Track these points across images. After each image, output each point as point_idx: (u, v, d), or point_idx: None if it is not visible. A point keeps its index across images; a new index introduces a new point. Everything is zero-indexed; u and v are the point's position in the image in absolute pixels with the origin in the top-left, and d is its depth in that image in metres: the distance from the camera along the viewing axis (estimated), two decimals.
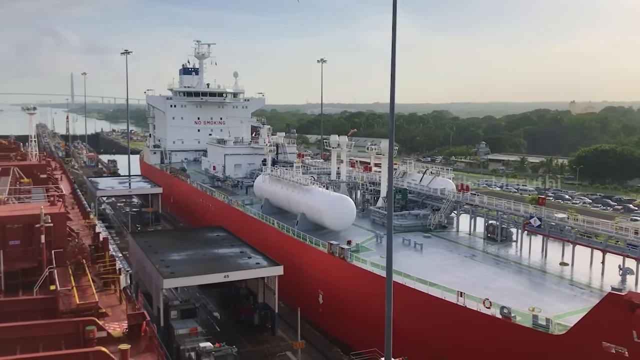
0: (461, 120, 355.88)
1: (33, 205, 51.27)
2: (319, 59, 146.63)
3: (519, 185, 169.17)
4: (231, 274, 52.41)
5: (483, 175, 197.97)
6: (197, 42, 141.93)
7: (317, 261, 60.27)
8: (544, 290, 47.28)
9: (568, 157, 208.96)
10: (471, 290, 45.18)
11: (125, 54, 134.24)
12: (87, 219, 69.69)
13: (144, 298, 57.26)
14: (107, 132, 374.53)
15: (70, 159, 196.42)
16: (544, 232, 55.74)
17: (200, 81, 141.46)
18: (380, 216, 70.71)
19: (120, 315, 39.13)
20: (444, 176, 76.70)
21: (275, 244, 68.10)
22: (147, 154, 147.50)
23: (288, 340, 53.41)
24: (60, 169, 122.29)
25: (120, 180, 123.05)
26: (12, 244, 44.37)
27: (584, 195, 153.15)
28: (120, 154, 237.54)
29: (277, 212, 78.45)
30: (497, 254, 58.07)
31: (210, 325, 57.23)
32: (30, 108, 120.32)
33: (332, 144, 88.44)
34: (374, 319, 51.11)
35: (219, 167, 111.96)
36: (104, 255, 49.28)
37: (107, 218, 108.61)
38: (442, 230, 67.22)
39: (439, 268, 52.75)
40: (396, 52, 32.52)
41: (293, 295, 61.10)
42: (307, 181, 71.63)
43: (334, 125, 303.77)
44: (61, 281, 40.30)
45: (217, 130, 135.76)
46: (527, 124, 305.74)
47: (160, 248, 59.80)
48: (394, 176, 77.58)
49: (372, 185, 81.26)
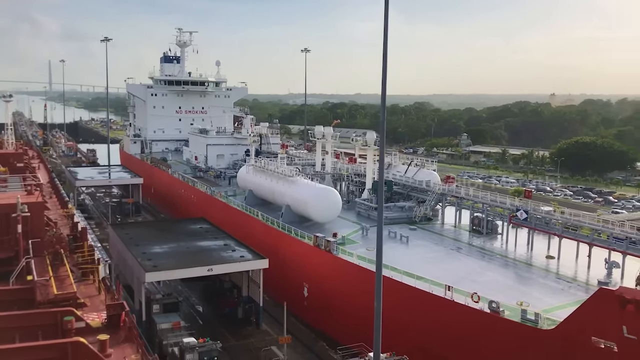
0: (442, 112, 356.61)
1: (9, 195, 50.32)
2: (303, 49, 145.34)
3: (501, 177, 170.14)
4: (215, 268, 51.37)
5: (465, 166, 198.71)
6: (179, 30, 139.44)
7: (303, 254, 59.53)
8: (531, 284, 47.14)
9: (548, 149, 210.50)
10: (458, 284, 44.86)
11: (105, 41, 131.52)
12: (65, 209, 68.54)
13: (125, 291, 56.27)
14: (86, 121, 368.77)
15: (49, 148, 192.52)
16: (530, 225, 55.62)
17: (181, 70, 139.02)
18: (365, 208, 70.14)
19: (99, 305, 38.65)
20: (429, 168, 76.46)
21: (259, 236, 67.17)
22: (127, 143, 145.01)
23: (273, 334, 52.65)
24: (37, 158, 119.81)
25: (99, 170, 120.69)
26: None
27: (565, 187, 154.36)
28: (100, 143, 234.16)
29: (261, 204, 77.45)
30: (483, 247, 57.91)
31: (193, 319, 56.22)
32: (6, 95, 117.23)
33: (317, 135, 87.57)
34: (360, 313, 50.60)
35: (201, 158, 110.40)
36: (82, 245, 48.64)
37: (87, 209, 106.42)
38: (427, 222, 66.90)
39: (426, 261, 52.38)
40: (388, 46, 31.74)
41: (277, 288, 60.33)
42: (292, 172, 70.72)
43: (316, 116, 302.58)
44: (38, 271, 39.68)
45: (199, 119, 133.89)
46: (508, 116, 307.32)
47: (142, 240, 58.49)
48: (378, 167, 77.57)
49: (357, 176, 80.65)
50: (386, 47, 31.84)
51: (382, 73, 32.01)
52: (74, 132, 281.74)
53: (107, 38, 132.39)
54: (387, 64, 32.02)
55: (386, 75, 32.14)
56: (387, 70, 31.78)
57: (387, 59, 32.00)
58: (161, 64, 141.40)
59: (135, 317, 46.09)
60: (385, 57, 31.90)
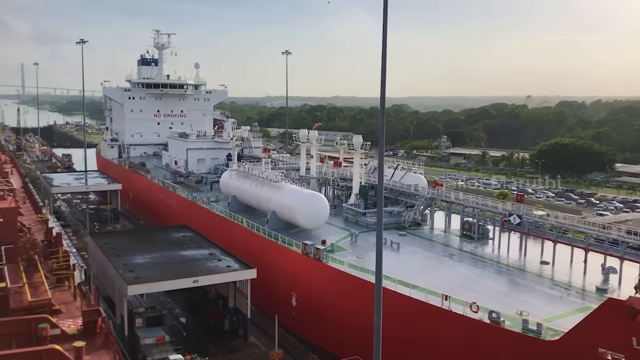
0: (421, 114, 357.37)
1: None
2: (284, 51, 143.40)
3: (482, 179, 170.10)
4: (201, 279, 49.21)
5: (445, 169, 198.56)
6: (157, 32, 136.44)
7: (291, 262, 57.59)
8: (528, 291, 45.92)
9: (527, 150, 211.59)
10: (455, 292, 43.52)
11: (81, 43, 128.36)
12: (40, 214, 66.33)
13: (106, 304, 53.82)
14: (60, 125, 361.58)
15: (22, 153, 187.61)
16: (523, 230, 54.57)
17: (160, 72, 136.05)
18: (353, 213, 68.55)
19: (75, 312, 37.76)
20: (415, 172, 75.25)
21: (244, 244, 65.09)
22: (104, 148, 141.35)
23: (261, 347, 50.72)
24: (10, 163, 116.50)
25: (76, 176, 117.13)
26: None
27: (547, 189, 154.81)
28: (75, 147, 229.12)
29: (245, 210, 75.39)
30: (475, 253, 56.73)
31: (178, 332, 54.00)
32: None
33: (301, 138, 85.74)
34: (351, 322, 49.05)
35: (181, 162, 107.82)
36: (57, 251, 47.23)
37: (63, 216, 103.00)
38: (416, 227, 65.56)
39: (419, 268, 50.93)
40: (387, 49, 30.25)
41: (264, 297, 58.38)
42: (278, 177, 68.77)
43: (294, 119, 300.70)
44: (12, 278, 38.88)
45: (178, 123, 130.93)
46: (486, 117, 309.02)
47: (123, 250, 56.06)
48: (364, 172, 76.10)
49: (343, 181, 79.10)
50: (385, 50, 30.42)
51: (381, 75, 30.56)
52: (49, 137, 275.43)
53: (82, 40, 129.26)
54: (386, 66, 30.66)
55: (385, 77, 30.70)
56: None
57: (386, 62, 30.61)
58: (138, 66, 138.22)
59: (117, 332, 44.00)
60: (384, 61, 30.46)
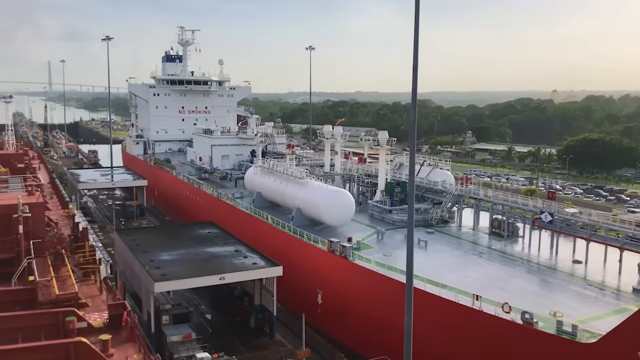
0: (445, 109, 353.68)
1: (10, 195, 50.11)
2: (308, 47, 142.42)
3: (508, 175, 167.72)
4: (227, 276, 48.85)
5: (471, 165, 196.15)
6: (181, 29, 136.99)
7: (316, 259, 57.07)
8: (561, 291, 44.70)
9: (554, 146, 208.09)
10: (485, 291, 42.51)
11: (107, 40, 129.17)
12: (66, 209, 67.21)
13: (132, 300, 53.92)
14: (86, 121, 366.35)
15: (49, 149, 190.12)
16: (555, 228, 53.23)
17: (184, 69, 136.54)
18: (379, 210, 67.76)
19: (101, 305, 38.41)
20: (442, 168, 74.10)
21: (269, 241, 64.75)
22: (129, 144, 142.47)
23: (287, 345, 50.26)
24: (38, 159, 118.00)
25: (102, 172, 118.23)
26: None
27: (574, 185, 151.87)
28: (101, 143, 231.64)
29: (269, 206, 75.10)
30: (504, 251, 55.53)
31: (204, 329, 53.84)
32: (6, 96, 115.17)
33: (326, 134, 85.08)
34: (378, 321, 48.38)
35: (206, 158, 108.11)
36: (83, 246, 47.83)
37: (89, 212, 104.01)
38: (444, 225, 64.54)
39: (448, 267, 49.97)
40: (418, 46, 29.42)
41: (289, 295, 57.93)
42: (303, 174, 68.24)
43: (317, 115, 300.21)
44: (40, 272, 39.38)
45: (202, 119, 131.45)
46: (511, 113, 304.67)
47: (149, 247, 56.03)
48: (390, 168, 75.20)
49: (368, 177, 78.31)
50: (417, 45, 29.53)
51: (413, 71, 29.67)
52: (75, 133, 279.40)
53: (108, 37, 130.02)
54: (418, 62, 29.77)
55: (417, 73, 29.80)
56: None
57: (417, 58, 29.72)
58: (163, 63, 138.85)
59: (144, 329, 43.97)
60: (416, 58, 29.57)
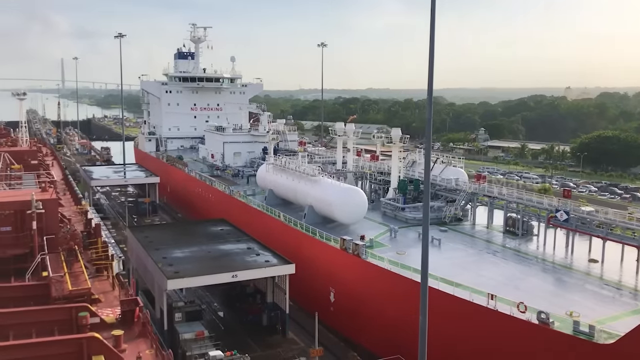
0: (457, 106, 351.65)
1: (24, 192, 50.52)
2: (319, 43, 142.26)
3: (522, 172, 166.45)
4: (240, 274, 48.78)
5: (483, 162, 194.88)
6: (193, 26, 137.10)
7: (329, 257, 56.82)
8: (577, 290, 44.11)
9: (567, 143, 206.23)
10: (499, 291, 41.97)
11: (119, 37, 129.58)
12: (79, 205, 67.48)
13: (145, 297, 54.02)
14: (98, 118, 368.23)
15: (62, 146, 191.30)
16: (570, 227, 52.59)
17: (196, 66, 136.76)
18: (391, 208, 67.36)
19: (113, 301, 38.64)
20: (455, 165, 73.59)
21: (281, 238, 64.63)
22: (142, 141, 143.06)
23: (300, 343, 50.13)
24: (51, 155, 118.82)
25: (115, 169, 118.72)
26: (3, 230, 44.00)
27: (589, 183, 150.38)
28: (113, 140, 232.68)
29: (281, 204, 74.95)
30: (519, 249, 54.95)
31: (216, 326, 53.87)
32: (20, 93, 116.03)
33: (338, 131, 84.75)
34: (391, 320, 48.09)
35: (218, 156, 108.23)
36: (96, 242, 48.12)
37: (102, 208, 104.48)
38: (457, 223, 64.04)
39: (462, 266, 49.52)
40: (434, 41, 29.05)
41: (301, 292, 57.73)
42: (315, 171, 68.01)
43: (328, 112, 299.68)
44: (53, 267, 39.71)
45: (214, 116, 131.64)
46: (524, 110, 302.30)
47: (162, 244, 56.13)
48: (403, 165, 74.71)
49: (381, 175, 77.87)
50: (433, 42, 29.17)
51: (429, 68, 29.29)
52: (87, 130, 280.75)
53: (120, 34, 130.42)
54: (434, 59, 29.38)
55: (432, 70, 29.42)
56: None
57: (433, 54, 29.33)
58: (175, 60, 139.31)
59: (156, 327, 44.00)
60: (432, 53, 29.19)
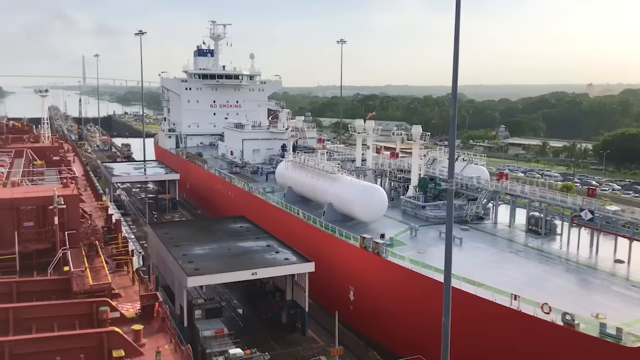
0: (477, 102, 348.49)
1: (46, 187, 51.06)
2: (338, 40, 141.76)
3: (543, 170, 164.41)
4: (259, 271, 48.64)
5: (504, 160, 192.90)
6: (213, 23, 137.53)
7: (348, 255, 56.54)
8: (603, 292, 43.32)
9: (589, 141, 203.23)
10: (522, 291, 41.32)
11: (140, 34, 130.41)
12: (100, 201, 68.01)
13: (165, 294, 54.18)
14: (119, 115, 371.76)
15: (84, 142, 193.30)
16: (595, 227, 51.60)
17: (215, 63, 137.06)
18: (412, 207, 66.80)
19: (133, 296, 39.05)
20: (477, 163, 72.77)
21: (300, 236, 64.45)
22: (162, 138, 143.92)
23: (319, 342, 49.85)
24: (72, 151, 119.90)
25: (135, 166, 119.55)
26: (26, 225, 44.44)
27: (612, 181, 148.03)
28: (133, 137, 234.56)
29: (300, 201, 74.75)
30: (542, 249, 54.12)
31: (235, 323, 53.84)
32: (42, 90, 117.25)
33: (358, 128, 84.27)
34: (412, 320, 47.67)
35: (237, 153, 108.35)
36: (116, 237, 48.54)
37: (123, 205, 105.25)
38: (479, 221, 63.29)
39: (483, 265, 48.91)
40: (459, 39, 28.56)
41: (320, 290, 57.48)
42: (334, 169, 67.68)
43: (347, 109, 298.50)
44: (74, 262, 40.12)
45: (233, 113, 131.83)
46: (545, 107, 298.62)
47: (182, 241, 56.23)
48: (423, 163, 74.01)
49: (400, 172, 77.26)
50: (458, 38, 28.66)
51: (454, 65, 28.80)
52: (108, 126, 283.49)
53: (141, 31, 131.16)
54: (459, 56, 28.87)
55: (457, 67, 28.92)
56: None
57: (458, 51, 28.82)
58: (195, 57, 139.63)
59: (176, 323, 43.99)
60: (457, 50, 28.68)
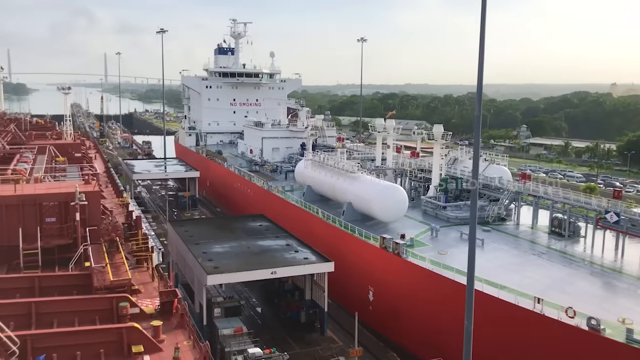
0: (498, 102, 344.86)
1: (68, 184, 51.57)
2: (359, 38, 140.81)
3: (565, 171, 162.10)
4: (279, 270, 48.55)
5: (525, 160, 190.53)
6: (233, 21, 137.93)
7: (368, 256, 56.15)
8: (629, 296, 42.40)
9: (613, 141, 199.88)
10: (546, 294, 40.61)
11: (161, 32, 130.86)
12: (121, 198, 68.58)
13: (184, 292, 54.36)
14: (140, 113, 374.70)
15: (105, 139, 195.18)
16: (621, 229, 50.58)
17: (236, 61, 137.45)
18: (432, 207, 66.14)
19: (153, 292, 39.28)
20: (499, 163, 71.84)
21: (320, 235, 64.22)
22: (182, 135, 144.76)
23: (338, 342, 49.58)
24: (94, 148, 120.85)
25: (156, 163, 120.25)
26: (48, 221, 44.93)
27: (636, 182, 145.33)
28: (154, 134, 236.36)
29: (320, 200, 74.50)
30: (565, 251, 53.19)
31: (254, 322, 53.83)
32: (65, 88, 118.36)
33: (378, 127, 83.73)
34: (432, 321, 47.18)
35: (256, 151, 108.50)
36: (136, 233, 48.81)
37: (143, 202, 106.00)
38: (500, 223, 62.46)
39: (506, 267, 48.21)
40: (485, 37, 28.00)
41: (339, 290, 57.21)
42: (354, 168, 67.30)
43: (366, 107, 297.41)
44: (95, 258, 40.61)
45: (253, 112, 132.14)
46: (567, 106, 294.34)
47: (202, 239, 56.38)
48: (445, 163, 73.24)
49: (421, 172, 76.59)
50: (483, 38, 28.11)
51: (479, 63, 28.22)
52: (129, 124, 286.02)
53: (162, 29, 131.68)
54: (484, 54, 28.31)
55: (483, 65, 28.36)
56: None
57: (484, 49, 28.25)
58: (215, 55, 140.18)
59: (196, 321, 44.04)
60: (482, 50, 28.13)
